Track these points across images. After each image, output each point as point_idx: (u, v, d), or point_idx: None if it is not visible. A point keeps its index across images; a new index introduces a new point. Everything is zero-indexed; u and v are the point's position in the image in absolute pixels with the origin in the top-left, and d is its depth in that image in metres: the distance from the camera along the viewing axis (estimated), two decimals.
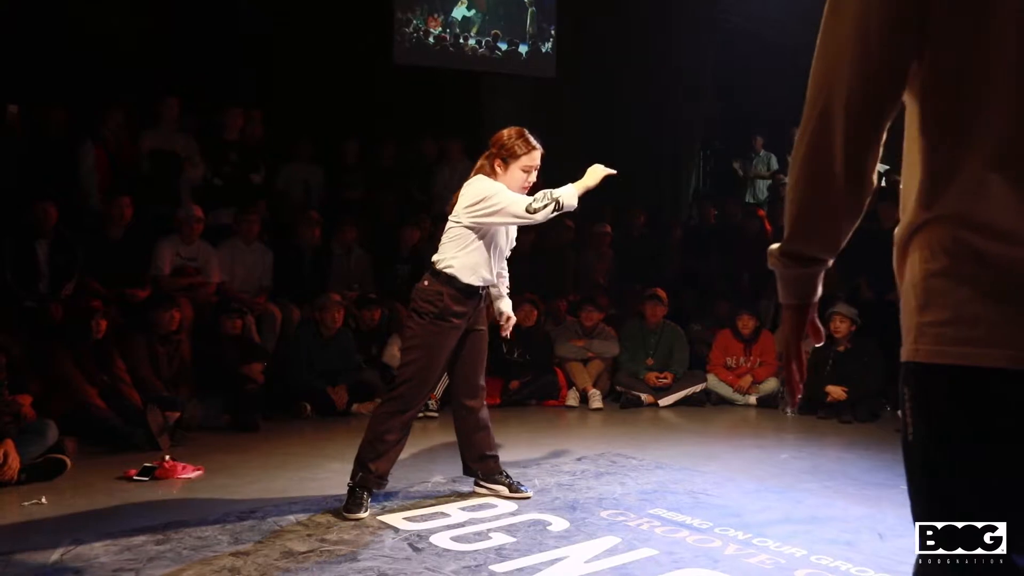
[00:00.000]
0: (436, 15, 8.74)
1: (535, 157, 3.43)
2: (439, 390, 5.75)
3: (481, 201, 3.32)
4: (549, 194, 3.27)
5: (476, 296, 3.46)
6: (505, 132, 3.47)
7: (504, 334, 3.81)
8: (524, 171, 3.41)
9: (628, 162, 9.33)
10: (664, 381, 6.22)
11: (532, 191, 3.40)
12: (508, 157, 3.41)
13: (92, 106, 6.31)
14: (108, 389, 4.71)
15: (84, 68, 6.60)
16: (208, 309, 5.62)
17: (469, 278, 3.38)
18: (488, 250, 3.42)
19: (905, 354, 1.19)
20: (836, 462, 4.47)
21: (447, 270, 3.38)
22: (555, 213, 3.29)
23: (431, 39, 8.73)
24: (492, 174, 3.44)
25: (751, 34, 9.21)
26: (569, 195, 3.29)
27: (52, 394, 4.56)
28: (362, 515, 3.32)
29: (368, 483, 3.39)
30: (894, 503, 3.66)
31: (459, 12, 8.84)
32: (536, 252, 7.66)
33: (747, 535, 3.17)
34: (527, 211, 3.26)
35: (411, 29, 8.64)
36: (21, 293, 5.18)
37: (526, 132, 3.44)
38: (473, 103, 9.10)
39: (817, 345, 1.38)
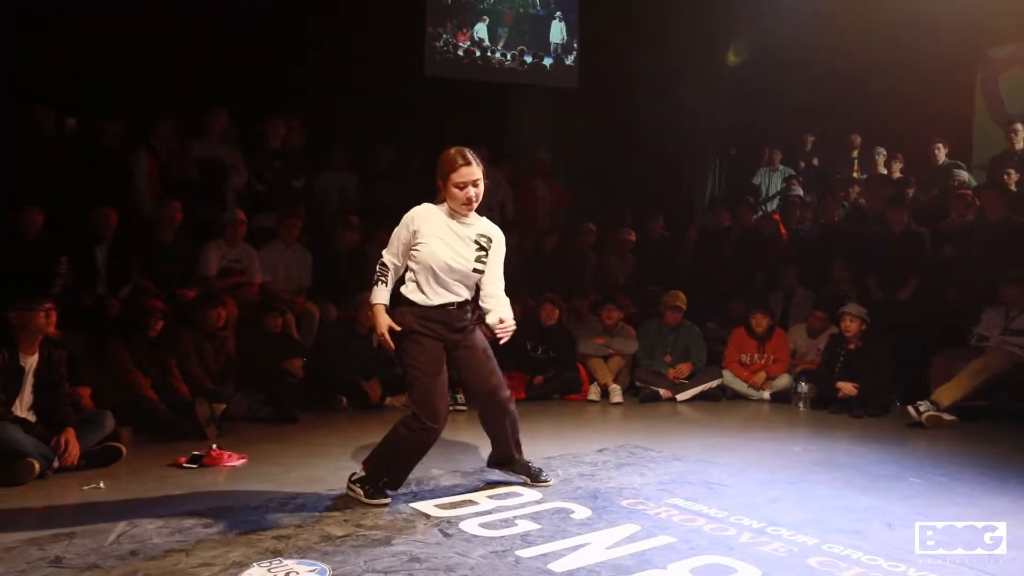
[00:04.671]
0: (465, 30, 8.78)
1: (464, 173, 3.28)
2: None
3: None
4: (380, 277, 3.39)
5: (442, 311, 3.35)
6: (446, 152, 3.37)
7: (499, 337, 3.42)
8: (457, 187, 3.31)
9: (647, 168, 9.37)
10: (682, 377, 6.20)
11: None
12: (442, 176, 3.35)
13: (144, 118, 6.42)
14: (160, 382, 4.79)
15: (136, 83, 6.72)
16: (251, 308, 5.68)
17: (421, 298, 3.34)
18: (425, 272, 3.33)
19: None
20: (846, 455, 4.43)
21: (401, 289, 3.41)
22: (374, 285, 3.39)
23: (460, 52, 8.76)
24: (440, 195, 3.40)
25: (765, 46, 9.13)
26: (373, 295, 3.40)
27: (109, 387, 4.65)
28: (385, 500, 3.33)
29: (378, 482, 3.38)
30: (902, 494, 3.63)
31: (485, 27, 8.87)
32: (559, 254, 7.66)
33: (761, 524, 3.15)
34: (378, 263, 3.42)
35: (441, 43, 8.69)
36: (81, 294, 5.28)
37: (464, 150, 3.33)
38: (500, 112, 9.13)
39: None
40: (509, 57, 8.99)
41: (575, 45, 9.21)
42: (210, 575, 2.60)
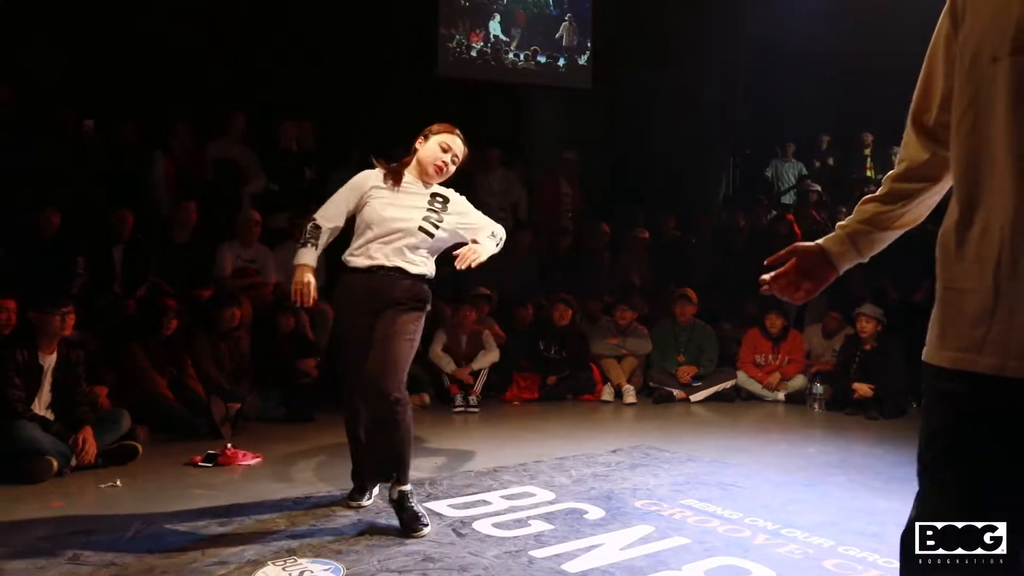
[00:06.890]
0: (478, 31, 8.78)
1: (454, 140, 3.30)
2: (478, 385, 5.78)
3: None
4: (311, 231, 3.39)
5: (370, 277, 3.25)
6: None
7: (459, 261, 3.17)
8: (440, 147, 3.28)
9: (660, 168, 9.34)
10: (688, 377, 6.18)
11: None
12: (429, 134, 3.37)
13: (161, 119, 6.47)
14: (175, 382, 4.82)
15: (153, 84, 6.77)
16: (265, 308, 5.71)
17: (356, 262, 3.32)
18: (363, 230, 3.32)
19: None
20: (863, 456, 4.39)
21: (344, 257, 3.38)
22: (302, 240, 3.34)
23: (473, 53, 8.77)
24: (411, 152, 3.40)
25: (779, 45, 9.09)
26: (299, 254, 3.35)
27: (125, 386, 4.68)
28: (366, 502, 3.35)
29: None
30: None
31: (497, 27, 8.88)
32: (573, 255, 7.65)
33: (776, 526, 3.13)
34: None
35: (454, 44, 8.70)
36: (97, 294, 5.32)
37: (453, 127, 3.36)
38: (512, 113, 9.13)
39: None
40: (522, 57, 8.99)
41: (588, 45, 9.19)
42: (225, 573, 2.61)
